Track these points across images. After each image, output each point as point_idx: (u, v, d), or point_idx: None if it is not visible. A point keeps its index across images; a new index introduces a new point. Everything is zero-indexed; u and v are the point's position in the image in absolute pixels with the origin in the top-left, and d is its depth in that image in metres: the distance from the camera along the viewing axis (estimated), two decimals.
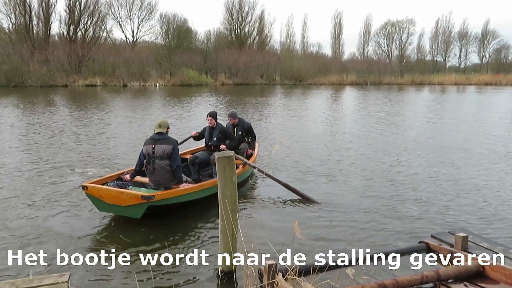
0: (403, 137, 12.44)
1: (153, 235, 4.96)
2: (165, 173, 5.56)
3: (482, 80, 57.45)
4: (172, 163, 5.55)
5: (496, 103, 26.46)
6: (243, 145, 7.80)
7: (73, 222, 5.31)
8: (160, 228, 5.17)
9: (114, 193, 5.06)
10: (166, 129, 5.73)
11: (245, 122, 8.04)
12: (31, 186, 6.83)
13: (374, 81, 54.71)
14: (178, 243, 4.79)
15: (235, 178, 3.80)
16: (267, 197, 6.49)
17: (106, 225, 5.26)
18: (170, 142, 5.61)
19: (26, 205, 5.90)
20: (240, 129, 7.88)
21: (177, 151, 5.65)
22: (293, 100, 27.42)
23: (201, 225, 5.35)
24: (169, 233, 5.08)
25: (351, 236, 4.97)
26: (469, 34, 67.07)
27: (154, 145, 5.58)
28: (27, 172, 7.67)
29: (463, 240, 4.24)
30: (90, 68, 41.94)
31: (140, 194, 4.98)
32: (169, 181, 5.61)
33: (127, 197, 4.98)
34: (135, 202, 4.97)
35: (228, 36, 55.42)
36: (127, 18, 49.60)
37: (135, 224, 5.23)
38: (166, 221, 5.39)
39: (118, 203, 5.04)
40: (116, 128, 13.53)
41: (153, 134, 5.71)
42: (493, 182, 7.40)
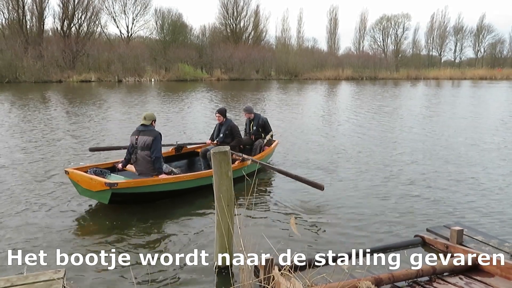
0: (399, 133, 12.46)
1: (149, 232, 4.94)
2: (146, 163, 5.81)
3: (477, 74, 57.72)
4: (151, 154, 5.76)
5: (491, 97, 26.56)
6: (258, 141, 7.76)
7: (68, 219, 5.28)
8: (156, 224, 5.16)
9: (86, 178, 5.48)
10: (151, 122, 5.94)
11: (260, 117, 7.97)
12: (26, 182, 6.78)
13: (369, 76, 54.77)
14: (174, 238, 4.77)
15: (231, 173, 3.78)
16: (264, 192, 6.49)
17: (102, 222, 5.24)
18: (151, 133, 5.81)
19: (21, 202, 5.86)
20: (255, 124, 7.83)
21: (157, 143, 5.81)
22: (290, 95, 27.39)
23: (197, 220, 5.35)
24: (165, 228, 5.08)
25: (347, 231, 4.98)
26: (464, 29, 67.41)
27: (138, 136, 5.87)
28: (21, 169, 7.61)
29: (458, 233, 4.26)
30: (85, 63, 41.72)
31: (104, 181, 5.28)
32: (150, 171, 5.83)
33: (95, 183, 5.36)
34: (101, 188, 5.30)
35: (223, 31, 55.28)
36: (121, 13, 49.46)
37: (131, 220, 5.23)
38: (162, 216, 5.39)
39: (90, 188, 5.46)
40: (111, 123, 13.46)
41: (138, 126, 5.97)
42: (488, 176, 7.43)
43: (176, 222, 5.28)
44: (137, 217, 5.30)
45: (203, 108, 18.67)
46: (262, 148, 7.71)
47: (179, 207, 5.73)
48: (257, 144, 7.75)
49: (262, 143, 7.76)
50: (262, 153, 7.55)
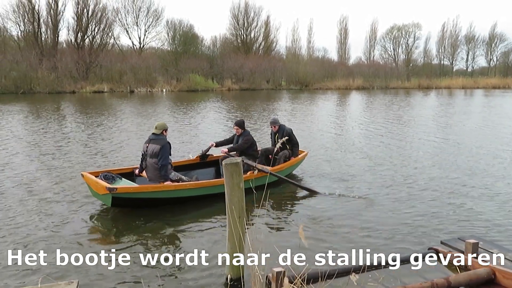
0: (414, 143, 12.34)
1: (161, 240, 4.96)
2: (154, 170, 6.15)
3: (490, 83, 57.15)
4: (158, 161, 6.07)
5: (507, 106, 26.19)
6: (283, 152, 7.76)
7: (78, 225, 5.34)
8: (166, 232, 5.20)
9: (94, 182, 5.92)
10: (162, 131, 6.25)
11: (285, 129, 7.95)
12: (39, 191, 6.86)
13: (380, 85, 54.56)
14: (185, 248, 4.79)
15: (242, 184, 3.79)
16: (275, 203, 6.47)
17: (114, 232, 5.28)
18: (160, 142, 6.14)
19: (36, 210, 5.93)
20: (280, 136, 7.81)
21: (164, 151, 6.10)
22: (302, 104, 27.40)
23: (208, 229, 5.37)
24: (176, 237, 5.11)
25: (359, 241, 4.93)
26: (476, 38, 66.86)
27: (148, 144, 6.25)
28: (36, 177, 7.72)
29: (474, 246, 4.19)
30: (98, 74, 42.34)
31: (105, 186, 5.65)
32: (158, 178, 6.15)
33: (100, 187, 5.76)
34: (104, 192, 5.68)
35: (234, 41, 55.67)
36: (134, 24, 50.07)
37: (141, 227, 5.26)
38: (171, 224, 5.44)
39: (97, 191, 5.89)
40: (123, 133, 13.60)
41: (150, 134, 6.33)
42: (505, 188, 7.30)
43: (187, 229, 5.31)
44: (146, 225, 5.32)
45: (214, 118, 18.77)
46: (286, 159, 7.74)
47: (188, 215, 5.78)
48: (281, 155, 7.77)
49: (287, 154, 7.79)
50: (283, 164, 7.53)
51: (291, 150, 7.88)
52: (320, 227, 5.40)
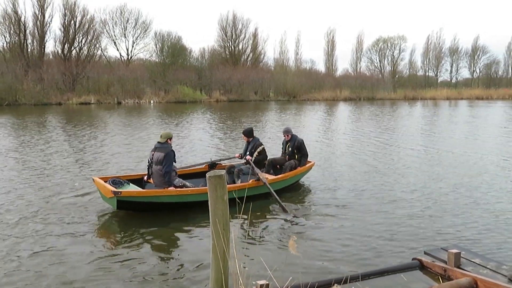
0: (400, 153, 12.48)
1: (151, 247, 4.93)
2: (159, 176, 6.49)
3: (474, 94, 58.36)
4: (162, 168, 6.40)
5: (489, 117, 26.70)
6: (289, 162, 7.98)
7: (67, 240, 5.25)
8: (158, 238, 5.26)
9: (102, 186, 6.29)
10: (167, 139, 6.62)
11: (297, 139, 8.20)
12: (27, 204, 6.75)
13: (367, 96, 55.19)
14: (172, 256, 4.83)
15: (226, 196, 3.78)
16: (260, 214, 6.45)
17: (103, 255, 5.19)
18: (164, 150, 6.48)
19: (22, 223, 5.82)
20: (291, 146, 8.11)
21: (169, 158, 6.42)
22: (290, 116, 27.55)
23: (200, 237, 5.40)
24: (165, 245, 5.18)
25: (344, 253, 4.94)
26: (459, 50, 68.33)
27: (154, 152, 6.61)
28: (23, 191, 7.59)
29: (456, 256, 4.24)
30: (85, 86, 42.06)
31: (111, 189, 6.01)
32: (163, 184, 6.45)
33: (107, 190, 6.11)
34: (110, 195, 6.03)
35: (222, 53, 55.91)
36: (121, 36, 50.00)
37: (132, 233, 5.21)
38: (165, 231, 5.55)
39: (105, 194, 6.24)
40: (112, 145, 13.47)
41: (156, 143, 6.70)
42: (487, 198, 7.41)
43: (176, 240, 5.38)
44: (136, 234, 5.26)
45: (202, 129, 18.75)
46: (291, 169, 7.92)
47: (186, 221, 5.99)
48: (287, 165, 7.96)
49: (293, 164, 7.99)
50: (288, 173, 7.71)
51: (299, 160, 8.11)
52: (304, 239, 5.40)
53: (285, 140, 8.36)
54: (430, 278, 4.29)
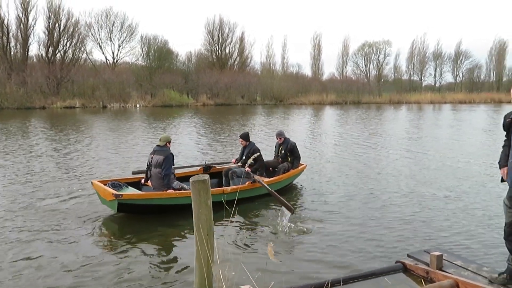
0: (384, 156, 12.61)
1: (141, 249, 4.88)
2: (158, 179, 6.58)
3: (457, 98, 59.42)
4: (162, 171, 6.50)
5: (473, 121, 27.16)
6: (283, 165, 8.16)
7: (49, 245, 5.16)
8: (150, 242, 5.24)
9: (102, 189, 6.34)
10: (166, 143, 6.74)
11: (290, 142, 8.39)
12: (7, 210, 6.61)
13: (353, 100, 55.73)
14: (159, 260, 4.78)
15: (210, 202, 3.76)
16: (245, 219, 6.45)
17: (88, 261, 5.12)
18: (164, 153, 6.58)
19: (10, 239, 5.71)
20: (284, 148, 8.28)
21: (168, 161, 6.54)
22: (277, 119, 27.62)
23: (187, 242, 5.35)
24: (154, 248, 5.11)
25: (327, 258, 4.95)
26: (443, 54, 69.55)
27: (153, 155, 6.69)
28: (3, 199, 7.45)
29: (438, 258, 4.29)
30: (69, 89, 41.56)
31: (112, 192, 6.06)
32: (162, 186, 6.54)
33: (107, 193, 6.16)
34: (111, 198, 6.08)
35: (209, 57, 55.86)
36: (107, 39, 49.60)
37: (119, 243, 5.14)
38: (159, 234, 5.62)
39: (105, 197, 6.28)
40: (97, 151, 13.32)
41: (155, 146, 6.80)
42: (470, 202, 7.51)
43: (166, 243, 5.33)
44: (124, 239, 5.19)
45: (190, 133, 18.67)
46: (284, 171, 8.06)
47: (182, 224, 5.99)
48: (281, 167, 8.14)
49: (286, 166, 8.16)
50: (281, 175, 7.90)
51: (292, 163, 8.29)
52: (288, 244, 5.41)
53: (278, 143, 8.52)
54: (413, 280, 4.33)
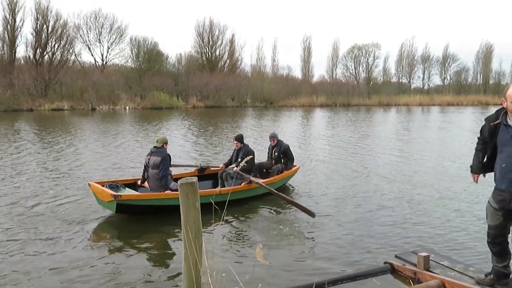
0: (376, 159, 12.70)
1: (132, 251, 4.82)
2: (155, 180, 6.65)
3: (445, 100, 60.19)
4: (159, 172, 6.57)
5: (461, 123, 27.49)
6: (276, 166, 8.29)
7: (37, 248, 5.09)
8: (141, 243, 5.19)
9: (100, 190, 6.39)
10: (163, 144, 6.80)
11: (283, 144, 8.53)
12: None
13: (343, 102, 56.04)
14: (148, 264, 4.75)
15: (198, 204, 3.75)
16: (235, 221, 6.44)
17: (76, 264, 5.06)
18: (161, 154, 6.66)
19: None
20: (277, 150, 8.42)
21: (165, 162, 6.63)
22: (267, 121, 27.65)
23: (179, 243, 5.30)
24: (147, 250, 5.03)
25: (315, 259, 4.97)
26: (431, 57, 70.35)
27: (150, 157, 6.76)
28: None
29: (425, 259, 4.33)
30: (57, 92, 41.11)
31: (111, 193, 6.13)
32: (159, 188, 6.60)
33: (105, 194, 6.23)
34: (109, 199, 6.14)
35: (199, 59, 55.71)
36: (96, 41, 49.16)
37: (108, 246, 5.09)
38: (153, 235, 5.48)
39: (103, 198, 6.35)
40: (87, 154, 13.18)
41: (152, 148, 6.86)
42: (456, 203, 7.60)
43: (158, 246, 5.29)
44: (115, 243, 5.15)
45: (181, 136, 18.59)
46: (278, 173, 8.19)
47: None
48: (275, 169, 8.27)
49: (280, 168, 8.28)
50: (276, 176, 8.05)
51: (285, 164, 8.42)
52: (277, 246, 5.41)
53: (271, 145, 8.64)
54: (401, 281, 4.36)
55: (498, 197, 3.64)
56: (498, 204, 3.64)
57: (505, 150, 3.54)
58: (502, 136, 3.56)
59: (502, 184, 3.59)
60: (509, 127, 3.53)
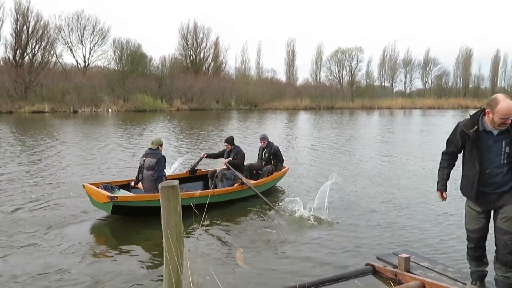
0: (356, 161, 12.81)
1: (119, 252, 4.73)
2: (150, 181, 6.72)
3: (426, 104, 61.36)
4: (154, 173, 6.66)
5: (443, 126, 27.97)
6: (267, 167, 8.42)
7: (19, 252, 4.96)
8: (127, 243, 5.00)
9: (95, 192, 6.44)
10: (158, 146, 6.91)
11: (273, 146, 8.70)
12: None
13: (326, 105, 56.54)
14: (124, 269, 4.65)
15: (180, 208, 3.72)
16: (215, 224, 6.40)
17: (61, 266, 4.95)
18: (156, 156, 6.76)
19: None
20: (268, 152, 8.57)
21: (160, 164, 6.72)
22: (252, 124, 27.65)
23: (159, 250, 5.24)
24: (117, 258, 4.91)
25: (297, 262, 4.96)
26: (413, 61, 71.62)
27: (145, 158, 6.85)
28: None
29: (406, 260, 4.38)
30: (38, 94, 40.38)
31: (107, 194, 6.18)
32: (153, 189, 6.60)
33: (101, 196, 6.28)
34: (105, 200, 6.18)
35: (183, 61, 55.50)
36: (78, 43, 48.52)
37: (86, 250, 5.00)
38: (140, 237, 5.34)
39: (98, 200, 6.38)
40: (69, 157, 12.94)
41: (147, 149, 6.96)
42: (437, 204, 7.71)
43: (131, 252, 5.12)
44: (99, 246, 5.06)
45: (166, 139, 18.24)
46: (268, 174, 8.34)
47: None
48: (265, 170, 8.38)
49: (270, 169, 8.41)
50: (266, 178, 8.17)
51: (275, 166, 8.56)
52: (259, 249, 5.39)
53: (261, 147, 8.78)
54: (382, 282, 4.40)
55: (482, 200, 3.61)
56: (482, 206, 3.64)
57: (486, 157, 3.52)
58: (484, 143, 3.52)
59: (486, 188, 3.57)
60: (490, 133, 3.50)
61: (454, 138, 3.75)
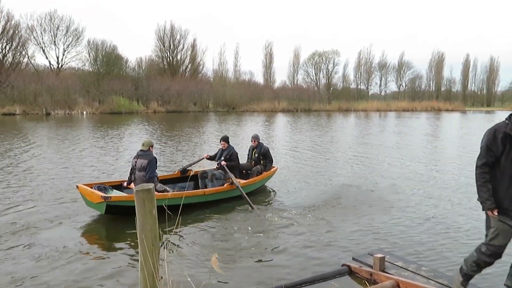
0: (335, 162, 12.94)
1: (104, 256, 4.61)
2: (142, 182, 6.70)
3: (400, 106, 62.83)
4: (146, 174, 6.79)
5: (420, 128, 28.64)
6: (256, 167, 8.57)
7: None
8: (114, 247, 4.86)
9: (89, 192, 6.57)
10: (149, 147, 7.03)
11: (263, 146, 8.83)
12: None
13: (304, 108, 57.07)
14: (100, 274, 4.51)
15: (155, 211, 3.66)
16: (190, 228, 6.34)
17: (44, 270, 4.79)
18: (147, 157, 6.90)
19: None
20: (258, 152, 8.70)
21: (152, 165, 6.86)
22: (230, 126, 27.58)
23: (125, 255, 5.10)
24: (92, 266, 4.77)
25: (274, 265, 4.95)
26: (387, 65, 73.27)
27: (137, 159, 6.98)
28: None
29: (381, 261, 4.45)
30: (9, 95, 39.18)
31: (100, 195, 6.31)
32: None
33: (95, 196, 6.41)
34: (99, 200, 6.31)
35: (160, 63, 55.01)
36: (51, 43, 47.43)
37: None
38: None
39: (92, 200, 6.50)
40: (42, 161, 12.58)
41: (138, 151, 7.09)
42: (411, 205, 7.88)
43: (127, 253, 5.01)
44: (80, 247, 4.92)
45: (137, 141, 18.15)
46: (258, 174, 8.51)
47: None
48: (254, 170, 8.54)
49: (260, 169, 8.55)
50: (256, 177, 8.35)
51: (265, 166, 8.71)
52: (235, 252, 5.36)
53: (252, 147, 8.90)
54: (358, 283, 4.45)
55: None
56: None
57: None
58: None
59: None
60: None
61: (494, 145, 3.34)
